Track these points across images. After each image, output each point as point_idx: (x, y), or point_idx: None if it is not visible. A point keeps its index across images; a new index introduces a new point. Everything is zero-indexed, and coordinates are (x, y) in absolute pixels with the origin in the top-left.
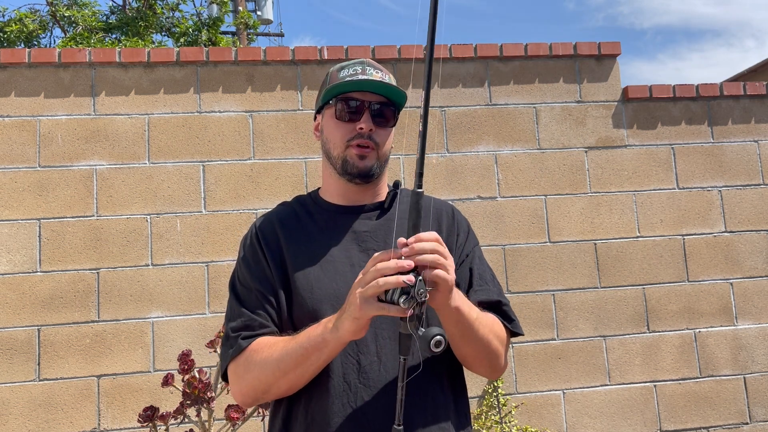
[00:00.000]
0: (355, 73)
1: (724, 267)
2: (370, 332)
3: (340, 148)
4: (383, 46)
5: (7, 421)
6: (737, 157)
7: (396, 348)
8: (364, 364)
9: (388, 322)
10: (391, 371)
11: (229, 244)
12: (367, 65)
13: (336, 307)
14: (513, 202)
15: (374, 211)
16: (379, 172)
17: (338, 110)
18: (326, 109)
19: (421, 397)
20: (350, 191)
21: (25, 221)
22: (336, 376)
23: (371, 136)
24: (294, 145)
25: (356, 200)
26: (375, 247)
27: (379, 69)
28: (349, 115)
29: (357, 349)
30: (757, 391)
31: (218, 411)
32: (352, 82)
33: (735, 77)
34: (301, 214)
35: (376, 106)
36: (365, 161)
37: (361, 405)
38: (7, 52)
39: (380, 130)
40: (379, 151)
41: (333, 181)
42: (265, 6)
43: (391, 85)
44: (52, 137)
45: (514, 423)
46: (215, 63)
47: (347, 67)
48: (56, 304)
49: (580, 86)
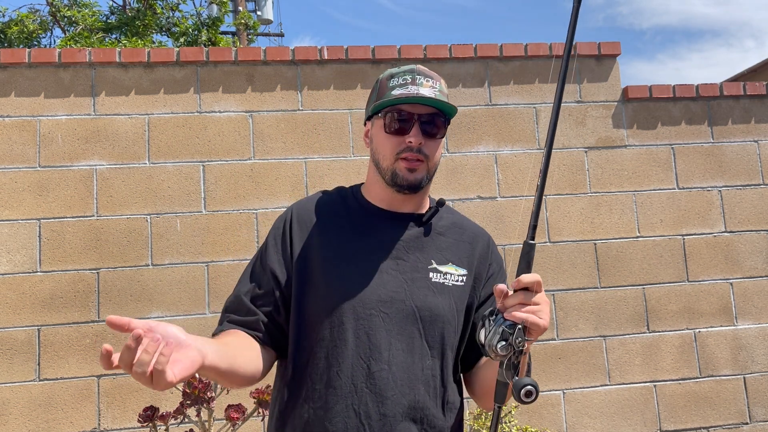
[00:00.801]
0: (405, 83)
1: (724, 267)
2: (384, 340)
3: (390, 160)
4: (383, 46)
5: (7, 421)
6: (737, 157)
7: (407, 360)
8: (373, 369)
9: (403, 334)
10: (399, 382)
11: (229, 244)
12: (418, 74)
13: (356, 308)
14: (513, 202)
15: (411, 221)
16: (426, 182)
17: (387, 123)
18: (375, 119)
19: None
20: (395, 198)
21: (25, 221)
22: (345, 376)
23: (420, 149)
24: (294, 145)
25: (397, 207)
26: (405, 258)
27: (430, 77)
28: (398, 127)
29: (369, 354)
30: (757, 391)
31: (218, 411)
32: (401, 98)
33: (735, 77)
34: (340, 208)
35: (426, 118)
36: (415, 174)
37: (365, 409)
38: (7, 53)
39: (429, 142)
40: (429, 163)
41: (378, 186)
42: (265, 6)
43: (441, 101)
44: (52, 137)
45: (514, 423)
46: (215, 63)
47: (397, 75)
48: (56, 304)
49: (580, 86)
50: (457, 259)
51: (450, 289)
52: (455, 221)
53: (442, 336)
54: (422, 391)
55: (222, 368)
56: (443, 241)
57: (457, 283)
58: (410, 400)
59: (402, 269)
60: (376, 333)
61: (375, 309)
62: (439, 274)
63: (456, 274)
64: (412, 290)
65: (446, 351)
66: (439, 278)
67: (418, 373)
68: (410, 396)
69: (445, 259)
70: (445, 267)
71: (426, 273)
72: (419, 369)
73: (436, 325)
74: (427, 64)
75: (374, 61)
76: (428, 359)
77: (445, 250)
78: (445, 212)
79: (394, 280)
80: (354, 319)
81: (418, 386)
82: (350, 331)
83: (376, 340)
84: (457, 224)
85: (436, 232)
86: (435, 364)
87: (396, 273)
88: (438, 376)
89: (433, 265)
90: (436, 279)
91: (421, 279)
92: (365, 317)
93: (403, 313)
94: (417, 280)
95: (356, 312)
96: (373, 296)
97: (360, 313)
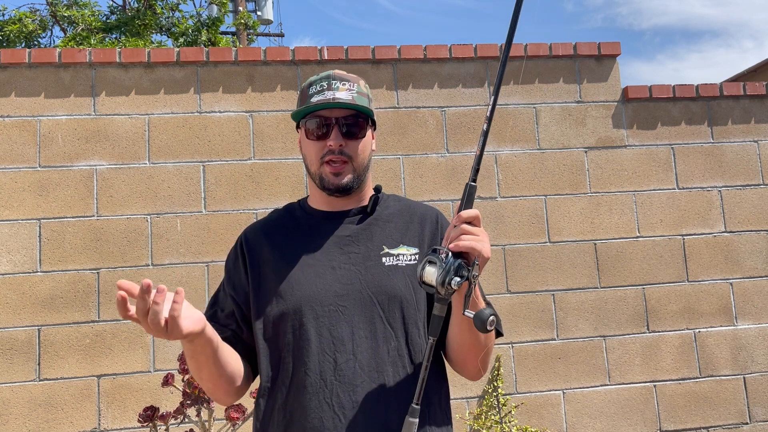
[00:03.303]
0: (322, 89)
1: (724, 267)
2: (346, 331)
3: (316, 165)
4: (383, 46)
5: (7, 421)
6: (737, 157)
7: (371, 345)
8: (340, 361)
9: (364, 321)
10: (366, 368)
11: (229, 244)
12: (333, 79)
13: (314, 307)
14: (513, 202)
15: (357, 215)
16: (357, 184)
17: (308, 129)
18: (300, 127)
19: (399, 397)
20: (334, 200)
21: (26, 221)
22: (313, 373)
23: (342, 151)
24: (294, 145)
25: (340, 206)
26: (356, 250)
27: (347, 80)
28: (318, 133)
29: (334, 347)
30: (757, 391)
31: (218, 411)
32: (315, 105)
33: (735, 77)
34: (288, 221)
35: (344, 120)
36: (340, 178)
37: (337, 400)
38: (7, 53)
39: (351, 143)
40: (354, 163)
41: (317, 191)
42: (265, 6)
43: (352, 103)
44: (52, 137)
45: (514, 423)
46: (215, 63)
47: (315, 83)
48: (56, 304)
49: (580, 86)
50: (407, 240)
51: (404, 269)
52: (402, 207)
53: (403, 315)
54: (391, 372)
55: (215, 343)
56: (391, 227)
57: (411, 262)
58: (380, 383)
59: (354, 261)
60: (338, 326)
61: (333, 304)
62: (392, 257)
63: (408, 254)
64: (366, 278)
65: (409, 328)
66: (392, 261)
67: (384, 356)
68: (379, 380)
69: (395, 242)
70: (397, 249)
71: (378, 259)
72: (385, 352)
73: (395, 306)
74: (427, 65)
75: (374, 62)
76: (393, 340)
77: (394, 233)
78: (392, 200)
79: (348, 273)
80: (314, 318)
81: (386, 368)
82: (312, 330)
83: (338, 333)
84: (404, 209)
85: (384, 220)
86: (401, 343)
87: (349, 266)
88: (405, 354)
89: (385, 250)
90: (389, 262)
91: (374, 266)
92: (324, 314)
93: (361, 302)
94: (370, 268)
95: (315, 311)
96: (329, 292)
97: (319, 311)
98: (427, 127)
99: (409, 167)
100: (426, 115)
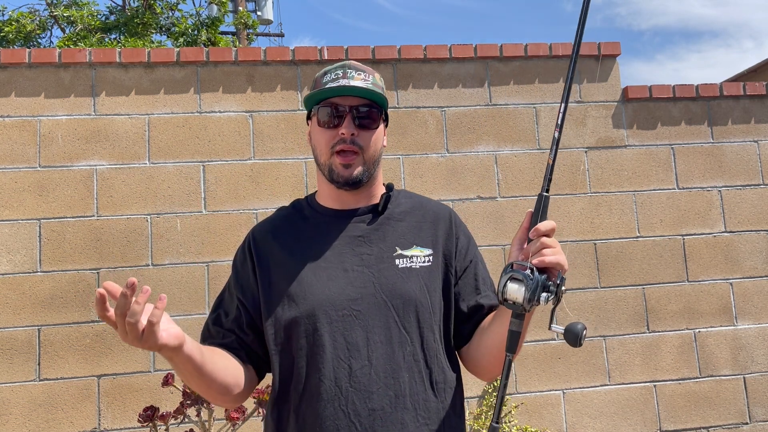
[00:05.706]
0: (337, 77)
1: (724, 267)
2: (361, 337)
3: (326, 155)
4: (383, 46)
5: (7, 421)
6: (737, 157)
7: (387, 351)
8: (355, 368)
9: (379, 326)
10: (382, 375)
11: (230, 244)
12: (349, 68)
13: (328, 312)
14: (513, 202)
15: (367, 214)
16: (367, 177)
17: (320, 117)
18: (312, 116)
19: (415, 402)
20: (343, 195)
21: (26, 221)
22: (328, 380)
23: (354, 141)
24: (294, 145)
25: (350, 204)
26: (368, 251)
27: (362, 71)
28: (331, 121)
29: (349, 353)
30: (757, 391)
31: (218, 411)
32: (331, 89)
33: (735, 77)
34: (297, 219)
35: (358, 110)
36: (350, 170)
37: (353, 408)
38: (7, 53)
39: (364, 133)
40: (365, 155)
41: (326, 186)
42: (265, 6)
43: (368, 89)
44: (52, 137)
45: (514, 423)
46: (215, 63)
47: (330, 71)
48: (56, 304)
49: (580, 86)
50: (420, 240)
51: (418, 271)
52: (414, 205)
53: (418, 319)
54: (407, 378)
55: (197, 361)
56: (404, 226)
57: (425, 264)
58: (396, 389)
59: (367, 263)
60: (352, 332)
61: (347, 309)
62: (405, 258)
63: (422, 256)
64: (380, 281)
65: (425, 333)
66: (406, 263)
67: (399, 361)
68: (395, 386)
69: (408, 243)
70: (410, 250)
71: (392, 261)
72: (401, 357)
73: (410, 310)
74: (427, 65)
75: (374, 62)
76: (408, 345)
77: (407, 233)
78: (403, 197)
79: (361, 275)
80: (328, 323)
81: (402, 374)
82: (326, 336)
83: (352, 338)
84: (417, 207)
85: (396, 219)
86: (416, 348)
87: (362, 268)
88: (421, 359)
89: (398, 252)
90: (403, 264)
91: (388, 268)
92: (339, 319)
93: (375, 306)
94: (384, 270)
95: (329, 316)
96: (342, 297)
97: (333, 316)
98: (427, 127)
99: (409, 167)
100: (426, 115)
